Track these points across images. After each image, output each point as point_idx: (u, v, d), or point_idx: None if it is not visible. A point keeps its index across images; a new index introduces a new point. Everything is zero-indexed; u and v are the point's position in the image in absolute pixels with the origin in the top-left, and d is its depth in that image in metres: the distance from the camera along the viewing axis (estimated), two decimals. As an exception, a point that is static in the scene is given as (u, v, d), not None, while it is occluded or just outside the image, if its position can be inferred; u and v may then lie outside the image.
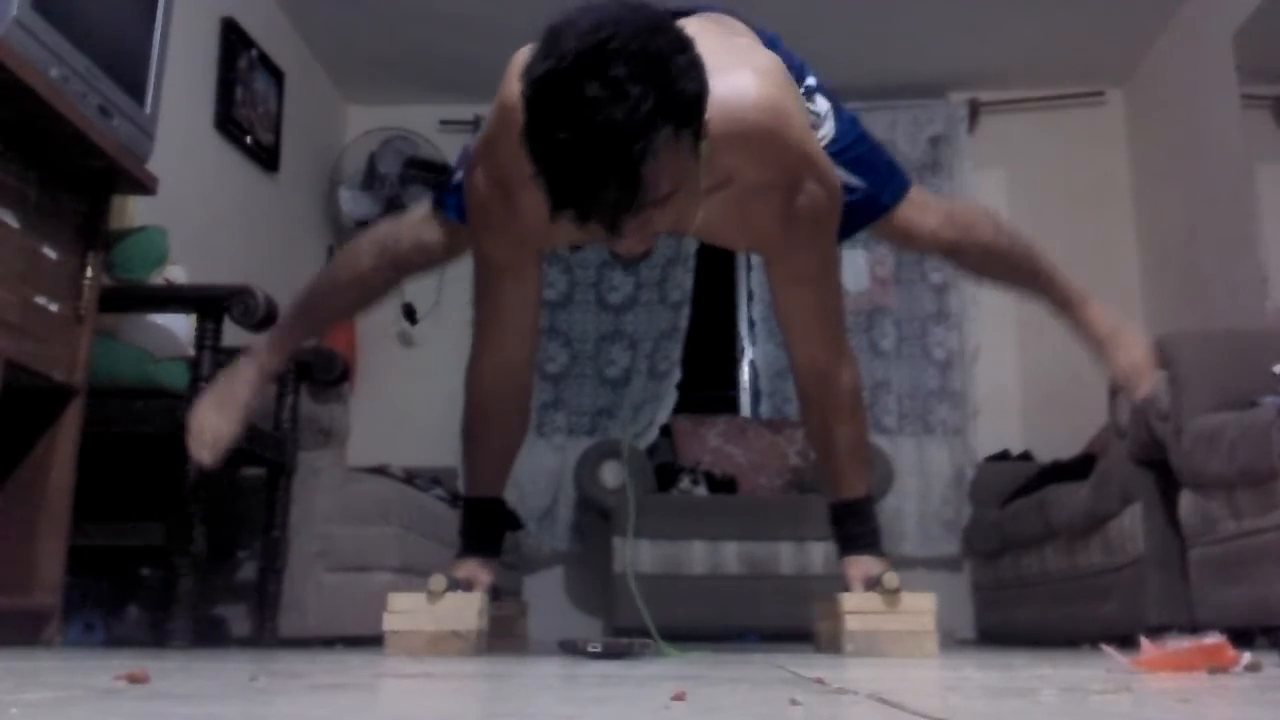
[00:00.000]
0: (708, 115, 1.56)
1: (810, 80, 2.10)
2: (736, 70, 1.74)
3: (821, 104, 2.09)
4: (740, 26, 2.01)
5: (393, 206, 4.92)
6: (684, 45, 1.51)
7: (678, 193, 1.55)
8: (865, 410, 2.27)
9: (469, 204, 2.02)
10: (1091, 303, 2.36)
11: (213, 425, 2.15)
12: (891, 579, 2.03)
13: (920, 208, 2.23)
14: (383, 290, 2.31)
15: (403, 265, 2.25)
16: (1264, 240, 3.88)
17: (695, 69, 1.51)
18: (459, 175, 2.13)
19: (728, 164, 1.74)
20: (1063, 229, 4.98)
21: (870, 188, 2.13)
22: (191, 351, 2.56)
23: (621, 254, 1.64)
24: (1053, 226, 4.99)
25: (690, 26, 1.76)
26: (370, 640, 2.64)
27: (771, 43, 2.03)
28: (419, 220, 2.21)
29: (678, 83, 1.47)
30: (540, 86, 1.45)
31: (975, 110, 5.05)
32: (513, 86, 1.69)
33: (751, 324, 5.15)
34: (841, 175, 1.98)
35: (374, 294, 2.31)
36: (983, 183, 5.03)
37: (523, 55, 1.63)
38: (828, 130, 2.07)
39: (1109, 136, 5.06)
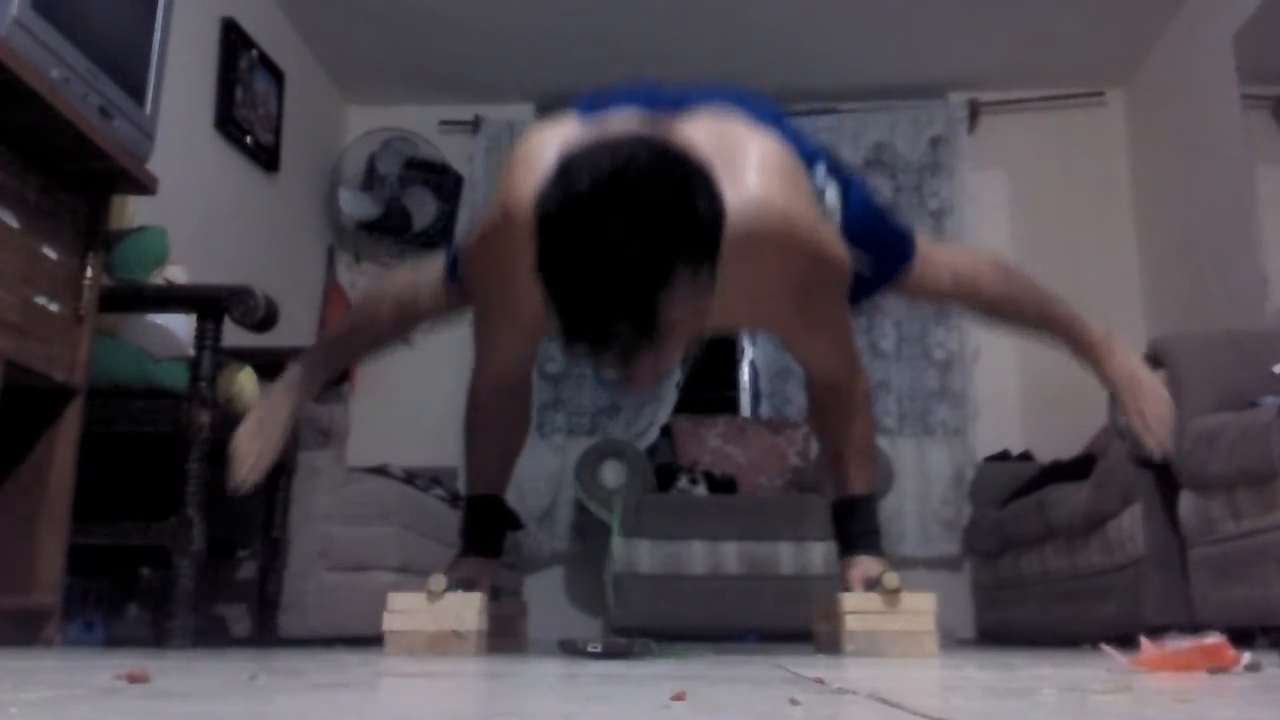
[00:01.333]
0: None
1: (820, 169, 2.05)
2: (742, 170, 1.70)
3: (831, 197, 2.06)
4: (740, 116, 1.93)
5: (393, 207, 4.92)
6: (703, 178, 1.47)
7: (694, 320, 1.52)
8: (872, 412, 2.28)
9: (466, 288, 2.05)
10: (1108, 346, 2.29)
11: (255, 449, 2.20)
12: (892, 579, 2.03)
13: (924, 274, 2.21)
14: (400, 339, 2.36)
15: (418, 323, 2.30)
16: (1264, 241, 3.88)
17: (714, 202, 1.47)
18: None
19: (739, 269, 1.68)
20: (1063, 229, 5.00)
21: (876, 262, 2.09)
22: (191, 351, 2.56)
23: (631, 387, 1.64)
24: (1053, 227, 5.02)
25: (690, 125, 1.77)
26: (370, 640, 2.64)
27: (777, 120, 2.00)
28: (434, 282, 2.22)
29: (697, 218, 1.44)
30: (557, 219, 1.42)
31: (975, 111, 5.05)
32: (515, 191, 1.69)
33: (752, 324, 5.15)
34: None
35: (391, 342, 2.37)
36: (983, 183, 5.03)
37: (526, 152, 1.65)
38: (835, 220, 2.05)
39: (1109, 137, 5.05)
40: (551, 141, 1.72)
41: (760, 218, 1.70)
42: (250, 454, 2.18)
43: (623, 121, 1.77)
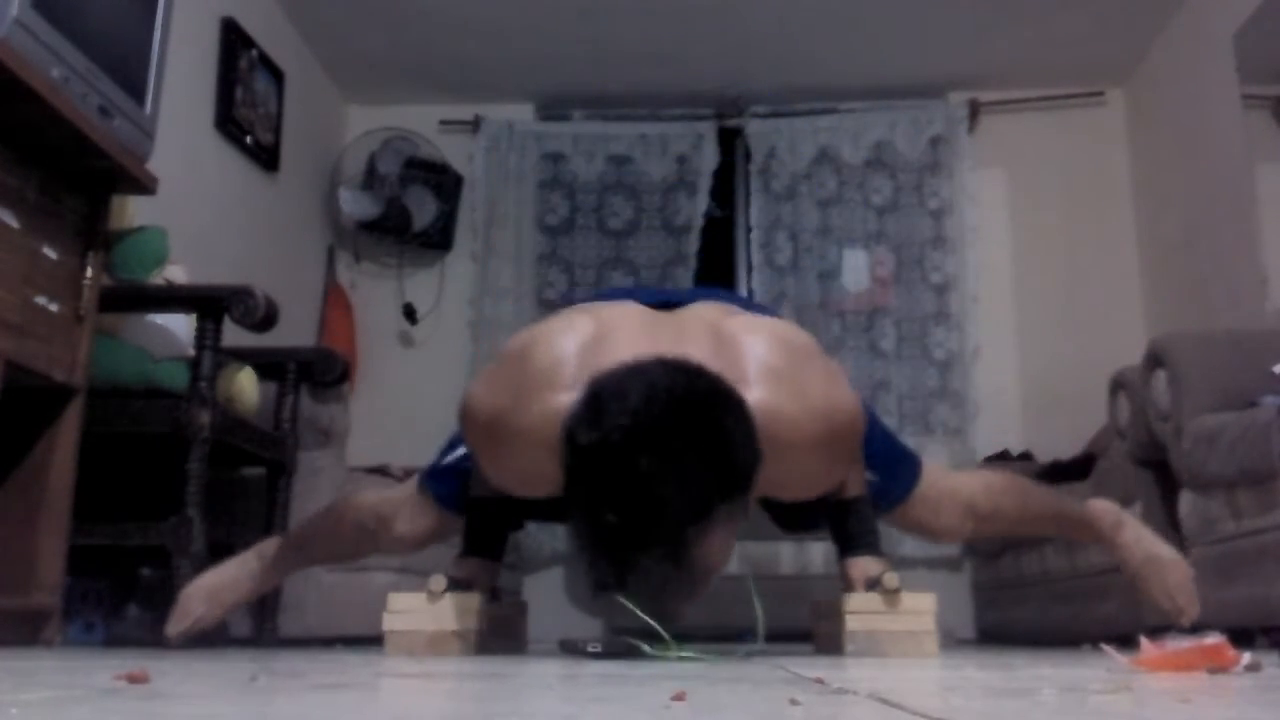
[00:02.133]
0: None
1: None
2: (756, 381, 1.65)
3: None
4: (733, 307, 1.91)
5: (392, 206, 4.92)
6: (739, 411, 1.45)
7: (724, 548, 1.49)
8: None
9: (470, 452, 1.97)
10: (1125, 528, 2.26)
11: (196, 612, 2.24)
12: (892, 579, 2.03)
13: (933, 506, 2.16)
14: (364, 556, 2.37)
15: (383, 546, 2.26)
16: (1264, 240, 3.88)
17: (750, 438, 1.44)
18: (452, 454, 2.12)
19: (764, 471, 1.62)
20: (1063, 229, 5.01)
21: (880, 481, 2.07)
22: (191, 351, 2.56)
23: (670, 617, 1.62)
24: (1053, 226, 5.02)
25: (689, 321, 1.75)
26: (370, 640, 2.64)
27: (769, 313, 1.99)
28: (406, 504, 2.17)
29: (735, 455, 1.41)
30: (589, 458, 1.39)
31: (975, 110, 5.05)
32: (538, 400, 1.61)
33: (751, 324, 5.15)
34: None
35: (356, 557, 2.37)
36: (983, 183, 5.03)
37: (541, 354, 1.63)
38: None
39: (1109, 136, 5.05)
40: (569, 346, 1.67)
41: (784, 426, 1.62)
42: (191, 616, 2.22)
43: (628, 320, 1.75)
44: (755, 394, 1.60)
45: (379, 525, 2.19)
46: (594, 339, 1.68)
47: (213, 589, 2.26)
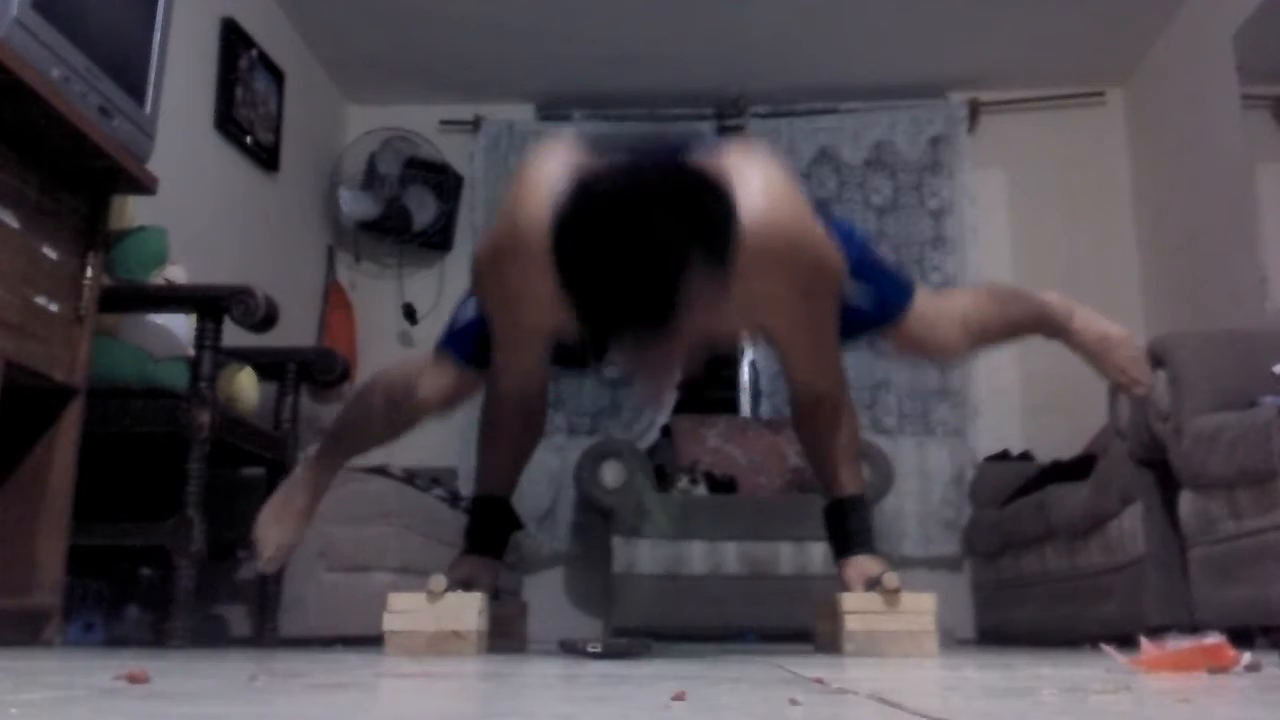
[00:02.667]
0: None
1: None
2: (747, 188, 1.74)
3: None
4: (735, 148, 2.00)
5: (392, 206, 4.92)
6: (714, 180, 1.55)
7: (705, 316, 1.56)
8: (854, 411, 2.28)
9: (476, 294, 2.05)
10: (1075, 315, 2.35)
11: (275, 536, 2.26)
12: (891, 579, 2.03)
13: (930, 323, 2.21)
14: (400, 432, 2.32)
15: (412, 416, 2.25)
16: (1264, 240, 3.88)
17: (725, 203, 1.55)
18: (465, 315, 2.16)
19: (745, 281, 1.72)
20: (1063, 229, 5.00)
21: (877, 292, 2.12)
22: (191, 351, 2.56)
23: (641, 381, 1.67)
24: (1053, 226, 5.02)
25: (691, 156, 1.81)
26: (370, 640, 2.64)
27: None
28: (427, 368, 2.21)
29: (710, 211, 1.51)
30: (573, 211, 1.49)
31: (975, 110, 5.05)
32: (525, 209, 1.71)
33: (751, 324, 5.15)
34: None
35: (393, 435, 2.32)
36: (983, 183, 5.03)
37: (530, 171, 1.70)
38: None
39: (1109, 136, 5.05)
40: (560, 161, 1.74)
41: (768, 227, 1.74)
42: (270, 542, 2.24)
43: (616, 141, 1.84)
44: (754, 196, 1.73)
45: (403, 395, 2.21)
46: (582, 159, 1.74)
47: (275, 512, 2.27)
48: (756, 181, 1.78)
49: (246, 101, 4.12)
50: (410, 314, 5.05)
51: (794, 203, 1.85)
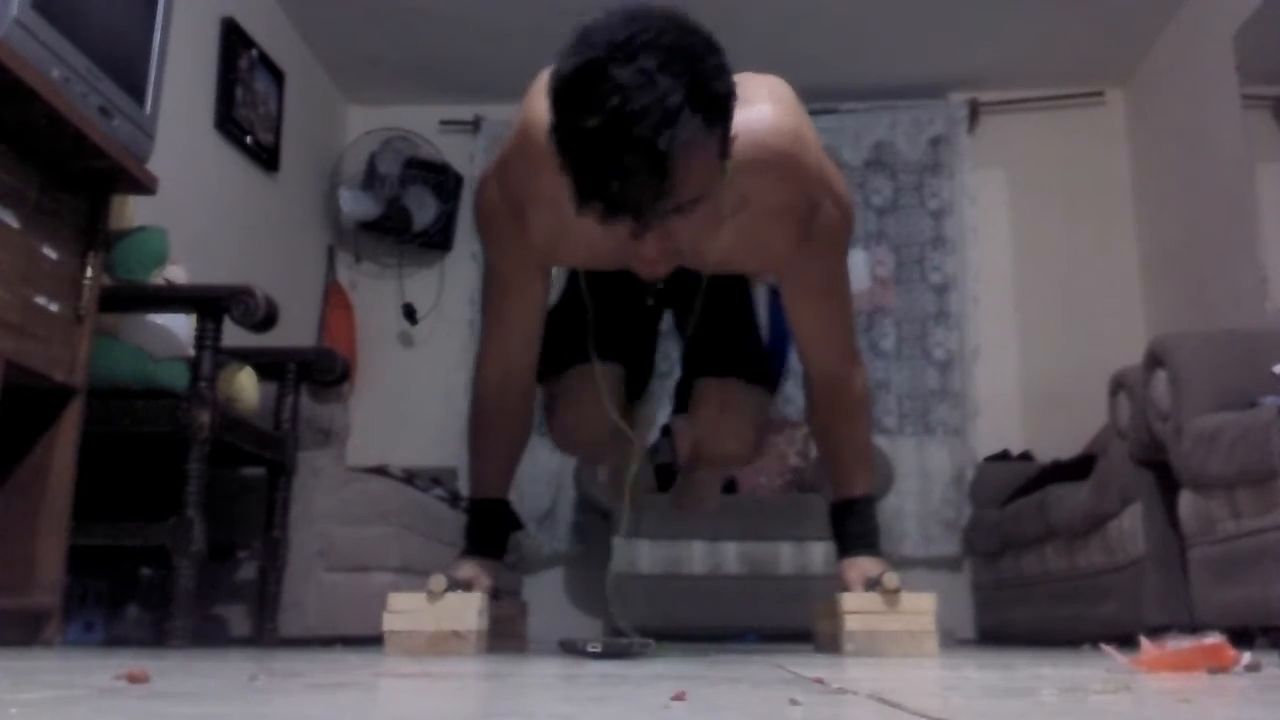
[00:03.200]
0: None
1: None
2: (755, 97, 1.75)
3: None
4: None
5: (393, 206, 4.92)
6: (715, 48, 1.52)
7: (703, 203, 1.54)
8: (871, 412, 2.28)
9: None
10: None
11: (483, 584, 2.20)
12: (891, 579, 2.03)
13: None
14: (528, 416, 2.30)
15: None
16: (1264, 240, 3.88)
17: (724, 72, 1.52)
18: None
19: (747, 188, 1.75)
20: (1063, 229, 5.01)
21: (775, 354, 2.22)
22: (191, 351, 2.56)
23: (641, 272, 1.65)
24: (1053, 227, 5.02)
25: None
26: (370, 640, 2.64)
27: None
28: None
29: (708, 78, 1.48)
30: (570, 76, 1.46)
31: (975, 110, 5.05)
32: (534, 106, 1.71)
33: (751, 324, 5.15)
34: None
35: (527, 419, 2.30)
36: (983, 183, 5.03)
37: (545, 76, 1.63)
38: None
39: (1109, 136, 5.06)
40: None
41: (774, 132, 1.74)
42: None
43: None
44: (761, 100, 1.74)
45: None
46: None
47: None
48: (762, 97, 1.77)
49: (246, 101, 4.12)
50: (410, 314, 5.05)
51: (798, 120, 1.82)
